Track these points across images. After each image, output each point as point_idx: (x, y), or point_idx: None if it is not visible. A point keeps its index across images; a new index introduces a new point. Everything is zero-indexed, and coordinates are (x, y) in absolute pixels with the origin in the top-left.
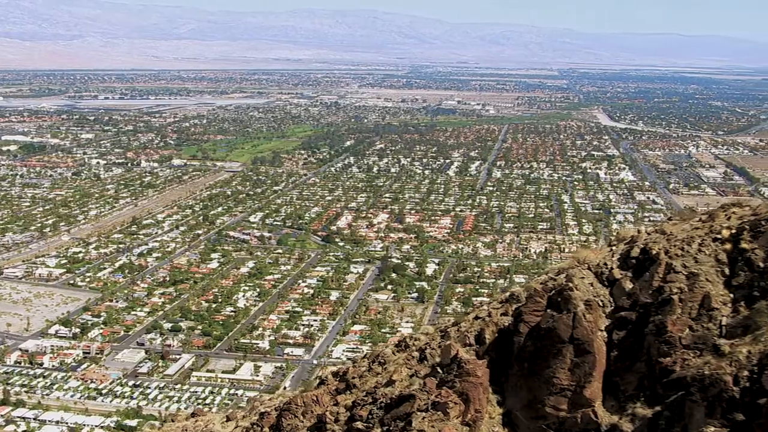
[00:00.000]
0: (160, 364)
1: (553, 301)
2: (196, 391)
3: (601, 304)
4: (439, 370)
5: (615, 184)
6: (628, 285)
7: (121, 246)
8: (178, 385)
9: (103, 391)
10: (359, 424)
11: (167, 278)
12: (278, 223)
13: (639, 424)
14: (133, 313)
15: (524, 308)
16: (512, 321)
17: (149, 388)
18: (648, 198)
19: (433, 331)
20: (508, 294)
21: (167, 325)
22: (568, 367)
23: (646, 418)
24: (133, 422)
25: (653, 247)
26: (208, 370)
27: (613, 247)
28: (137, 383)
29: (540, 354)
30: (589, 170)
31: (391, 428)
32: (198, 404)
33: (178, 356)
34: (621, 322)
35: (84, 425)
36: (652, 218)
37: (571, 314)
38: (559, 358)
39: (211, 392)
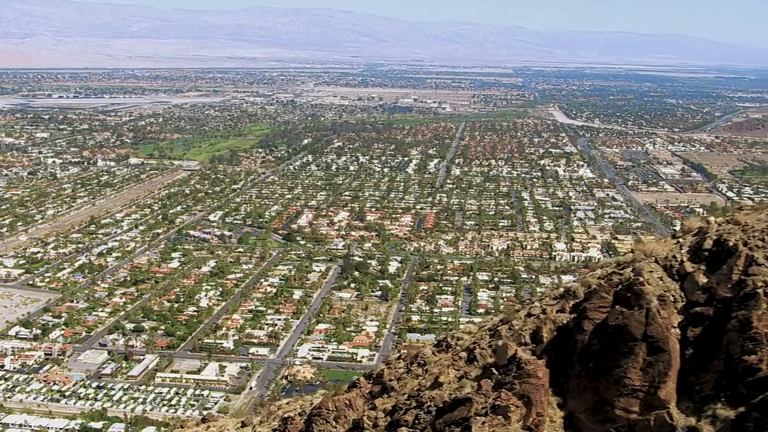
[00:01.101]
0: (123, 365)
1: (621, 296)
2: (161, 392)
3: (672, 299)
4: (495, 371)
5: (574, 181)
6: (702, 279)
7: (80, 246)
8: (143, 386)
9: (67, 393)
10: (405, 430)
11: (128, 278)
12: (238, 221)
13: (721, 426)
14: (94, 313)
15: (588, 304)
16: (573, 318)
17: (113, 389)
18: (607, 195)
19: (478, 329)
20: (562, 289)
21: (129, 326)
22: (641, 367)
23: (729, 420)
24: (98, 424)
25: (729, 239)
26: (172, 371)
27: (680, 239)
28: (101, 385)
29: (608, 353)
30: (547, 167)
31: None
32: (163, 405)
33: (141, 357)
34: (696, 318)
35: (48, 428)
36: (612, 215)
37: (643, 310)
38: (631, 357)
39: (177, 393)
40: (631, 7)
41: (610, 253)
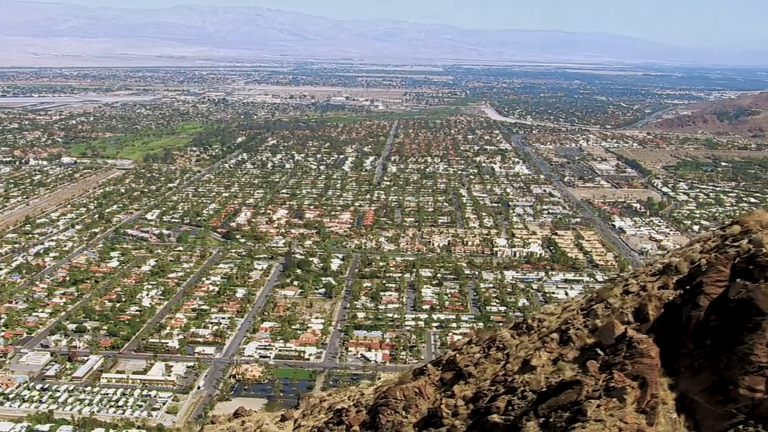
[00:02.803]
0: (67, 366)
1: (741, 269)
2: (107, 393)
3: None
4: (600, 351)
5: (511, 178)
6: None
7: (16, 246)
8: (89, 388)
9: (10, 396)
10: (496, 417)
11: (67, 278)
12: (176, 220)
13: None
14: (34, 314)
15: (705, 279)
16: (680, 294)
17: (58, 391)
18: (545, 191)
19: (561, 310)
20: (660, 265)
21: (71, 326)
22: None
23: None
24: (45, 427)
25: None
26: (118, 371)
27: None
28: (45, 386)
29: (729, 329)
30: (483, 164)
31: (552, 420)
32: (110, 407)
33: (85, 357)
34: None
35: None
36: (551, 211)
37: None
38: (757, 332)
39: (123, 394)
40: (557, 6)
41: (551, 248)
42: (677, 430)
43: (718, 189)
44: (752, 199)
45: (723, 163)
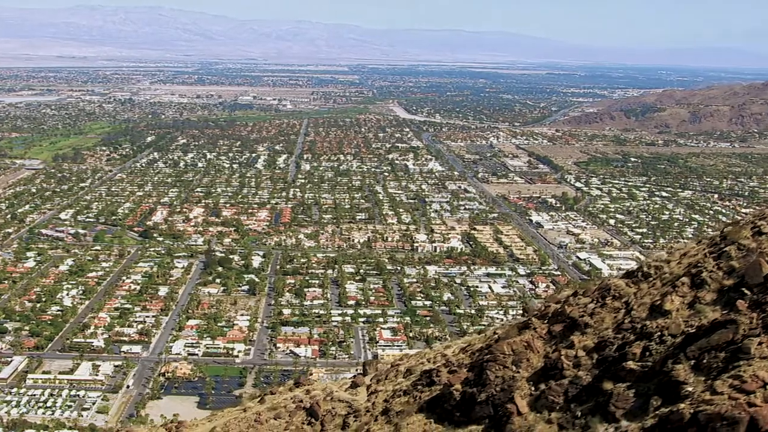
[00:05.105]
0: None
1: None
2: (35, 395)
3: None
4: (746, 291)
5: (425, 175)
6: None
7: None
8: (14, 389)
9: None
10: (632, 364)
11: None
12: (91, 219)
13: None
14: None
15: None
16: None
17: None
18: (460, 187)
19: (678, 255)
20: None
21: None
22: None
23: None
24: None
25: None
26: (44, 372)
27: None
28: None
29: None
30: (396, 161)
31: (705, 361)
32: (39, 408)
33: (9, 359)
34: None
35: None
36: (467, 206)
37: None
38: None
39: (51, 395)
40: (460, 6)
41: (471, 243)
42: None
43: (630, 184)
44: (664, 193)
45: (632, 159)
